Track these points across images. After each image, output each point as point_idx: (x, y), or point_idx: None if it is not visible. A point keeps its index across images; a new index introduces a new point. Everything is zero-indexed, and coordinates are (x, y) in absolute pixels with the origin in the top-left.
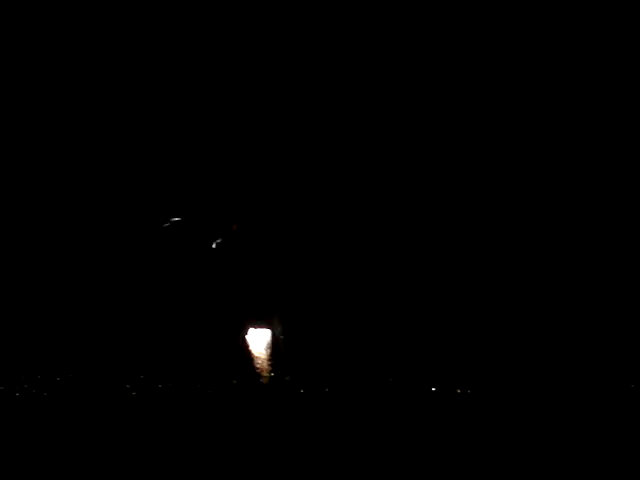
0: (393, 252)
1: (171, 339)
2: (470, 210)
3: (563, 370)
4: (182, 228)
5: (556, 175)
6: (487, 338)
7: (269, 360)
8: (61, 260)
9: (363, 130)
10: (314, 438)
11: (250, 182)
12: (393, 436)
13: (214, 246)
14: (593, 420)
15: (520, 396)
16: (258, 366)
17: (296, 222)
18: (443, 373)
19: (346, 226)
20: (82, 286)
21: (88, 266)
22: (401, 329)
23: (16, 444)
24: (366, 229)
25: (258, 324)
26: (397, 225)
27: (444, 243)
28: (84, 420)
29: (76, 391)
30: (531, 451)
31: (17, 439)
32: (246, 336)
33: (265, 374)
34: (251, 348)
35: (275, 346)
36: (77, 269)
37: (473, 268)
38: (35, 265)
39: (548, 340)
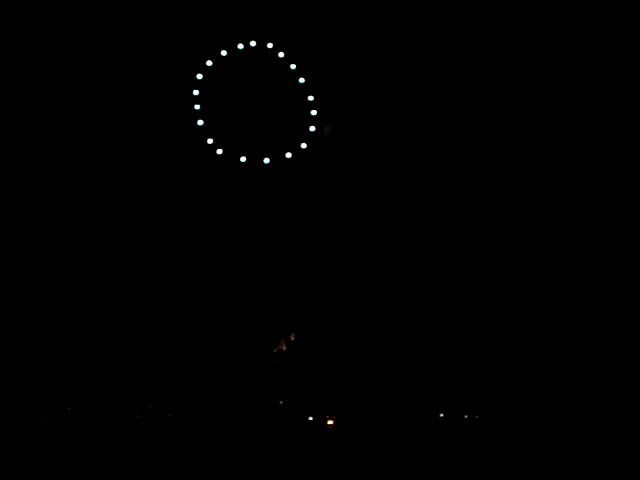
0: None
1: (182, 367)
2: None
3: (575, 395)
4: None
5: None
6: (495, 361)
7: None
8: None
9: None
10: (320, 465)
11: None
12: (399, 463)
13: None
14: (604, 448)
15: (530, 422)
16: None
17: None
18: (450, 398)
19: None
20: (94, 314)
21: (107, 297)
22: (407, 352)
23: (27, 476)
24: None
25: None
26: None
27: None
28: (95, 450)
29: (86, 421)
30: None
31: (28, 471)
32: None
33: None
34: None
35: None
36: (96, 300)
37: (481, 289)
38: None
39: (559, 363)
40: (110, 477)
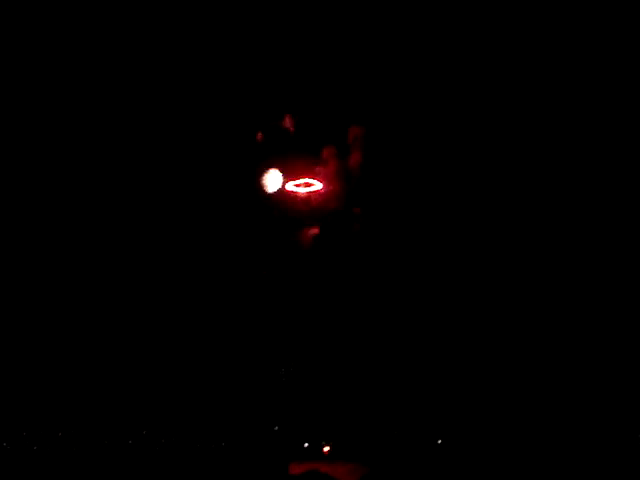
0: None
1: (174, 394)
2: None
3: (570, 426)
4: None
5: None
6: (492, 392)
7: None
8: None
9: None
10: None
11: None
12: None
13: None
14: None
15: (527, 450)
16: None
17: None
18: (449, 425)
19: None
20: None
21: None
22: (406, 382)
23: None
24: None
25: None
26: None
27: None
28: (87, 476)
29: (79, 447)
30: None
31: None
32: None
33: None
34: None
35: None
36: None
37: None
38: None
39: (554, 396)
40: None
